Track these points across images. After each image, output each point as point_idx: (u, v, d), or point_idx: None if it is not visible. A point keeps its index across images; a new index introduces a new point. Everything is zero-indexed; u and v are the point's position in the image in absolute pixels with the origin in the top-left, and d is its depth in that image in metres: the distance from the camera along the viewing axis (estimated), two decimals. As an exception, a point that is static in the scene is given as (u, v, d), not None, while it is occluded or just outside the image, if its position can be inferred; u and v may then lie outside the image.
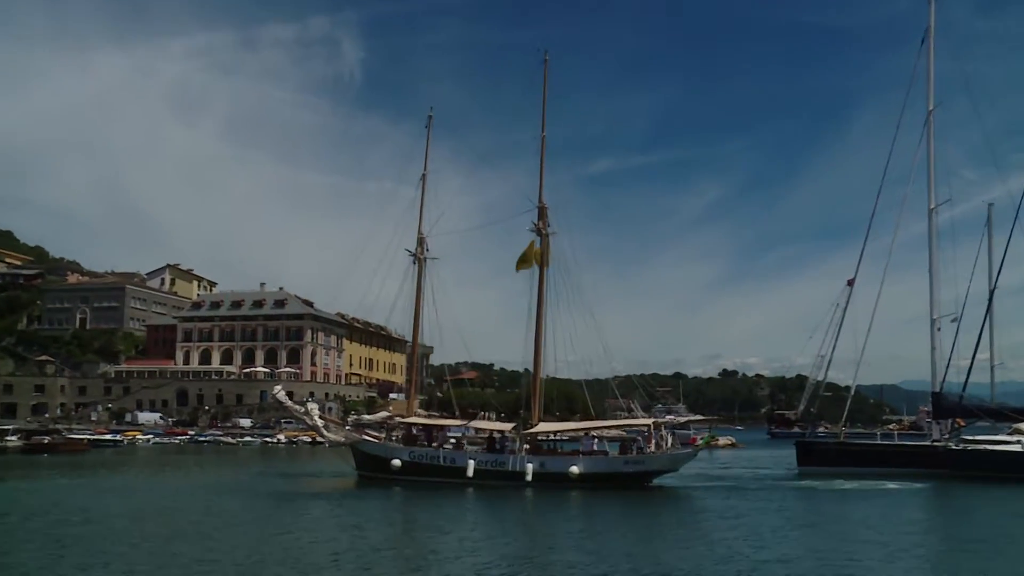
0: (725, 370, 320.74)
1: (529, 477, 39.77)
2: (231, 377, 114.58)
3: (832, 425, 76.83)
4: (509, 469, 40.70)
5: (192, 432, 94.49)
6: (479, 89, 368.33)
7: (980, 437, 48.66)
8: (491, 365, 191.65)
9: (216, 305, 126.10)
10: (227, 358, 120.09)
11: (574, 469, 39.90)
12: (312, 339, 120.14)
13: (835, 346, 58.75)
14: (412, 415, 48.29)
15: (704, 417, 65.87)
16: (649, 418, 45.18)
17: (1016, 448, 45.94)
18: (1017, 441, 46.72)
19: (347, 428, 46.37)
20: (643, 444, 41.65)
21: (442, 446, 43.64)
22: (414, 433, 45.55)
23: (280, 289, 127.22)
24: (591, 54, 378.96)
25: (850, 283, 57.58)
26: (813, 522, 29.61)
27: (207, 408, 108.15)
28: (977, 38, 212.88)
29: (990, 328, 53.48)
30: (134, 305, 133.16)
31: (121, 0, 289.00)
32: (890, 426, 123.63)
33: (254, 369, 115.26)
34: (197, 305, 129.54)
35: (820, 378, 71.17)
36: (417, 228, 49.52)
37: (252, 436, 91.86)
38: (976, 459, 46.03)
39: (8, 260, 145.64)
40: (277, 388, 45.24)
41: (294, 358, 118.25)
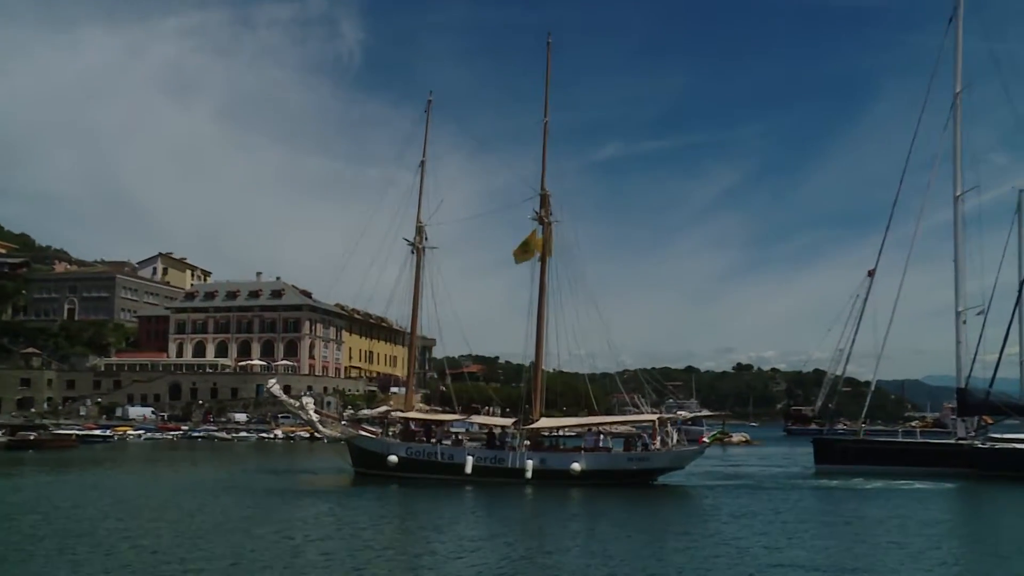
0: (739, 364, 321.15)
1: (529, 474, 39.89)
2: (226, 370, 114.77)
3: (851, 422, 76.76)
4: (508, 466, 40.78)
5: (185, 428, 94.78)
6: (484, 72, 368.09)
7: (1008, 435, 48.36)
8: (496, 358, 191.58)
9: (210, 295, 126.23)
10: (222, 351, 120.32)
11: (575, 466, 39.99)
12: (310, 331, 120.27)
13: (854, 339, 58.31)
14: (411, 410, 48.33)
15: (714, 413, 65.74)
16: (654, 413, 45.06)
17: (1046, 447, 45.62)
18: (1047, 439, 46.41)
19: (343, 423, 46.43)
20: (648, 440, 41.59)
21: (440, 442, 43.65)
22: (412, 429, 45.53)
23: (277, 279, 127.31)
24: (600, 35, 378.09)
25: (871, 273, 57.31)
26: (829, 523, 29.36)
27: (201, 403, 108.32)
28: (1009, 16, 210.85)
29: (1019, 321, 52.98)
30: (125, 295, 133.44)
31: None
32: (912, 423, 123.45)
33: (250, 362, 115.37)
34: (191, 295, 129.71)
35: (839, 373, 70.76)
36: (416, 217, 49.49)
37: (248, 432, 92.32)
38: (1004, 458, 45.69)
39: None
40: (271, 382, 45.33)
41: (291, 351, 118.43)
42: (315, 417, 44.05)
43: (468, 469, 40.71)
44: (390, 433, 45.74)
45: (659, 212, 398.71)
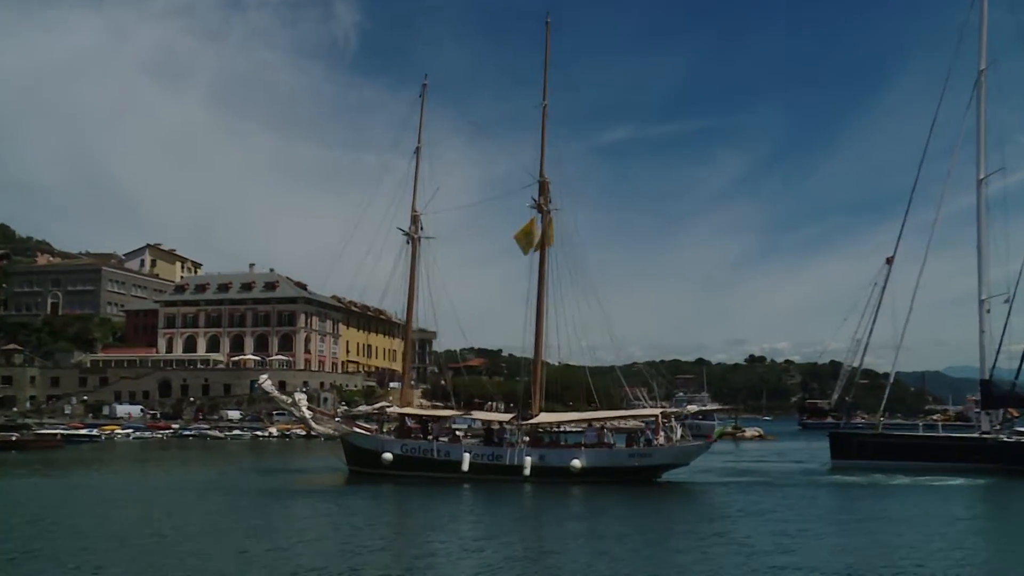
0: (752, 356, 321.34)
1: (527, 471, 39.97)
2: (218, 366, 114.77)
3: (869, 415, 76.68)
4: (506, 463, 40.85)
5: (176, 426, 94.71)
6: (483, 55, 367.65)
7: (1035, 429, 48.22)
8: (499, 351, 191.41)
9: (201, 288, 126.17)
10: (214, 345, 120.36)
11: (575, 463, 40.05)
12: (306, 324, 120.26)
13: (872, 329, 58.27)
14: (407, 405, 48.44)
15: (726, 406, 65.66)
16: (657, 408, 45.04)
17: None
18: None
19: (337, 420, 46.52)
20: (651, 436, 41.50)
21: (437, 439, 43.71)
22: (408, 425, 45.64)
23: (271, 271, 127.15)
24: (606, 15, 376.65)
25: (889, 261, 57.02)
26: (845, 521, 29.30)
27: (192, 400, 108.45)
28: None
29: (1047, 309, 52.69)
30: (111, 288, 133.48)
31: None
32: (934, 416, 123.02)
33: (243, 357, 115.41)
34: (180, 288, 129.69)
35: (856, 364, 70.77)
36: (411, 205, 49.42)
37: (241, 429, 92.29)
38: (1030, 453, 45.53)
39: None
40: (263, 377, 45.30)
41: (286, 345, 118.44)
42: (308, 414, 44.07)
43: (465, 467, 40.82)
44: (385, 430, 45.80)
45: (667, 199, 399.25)
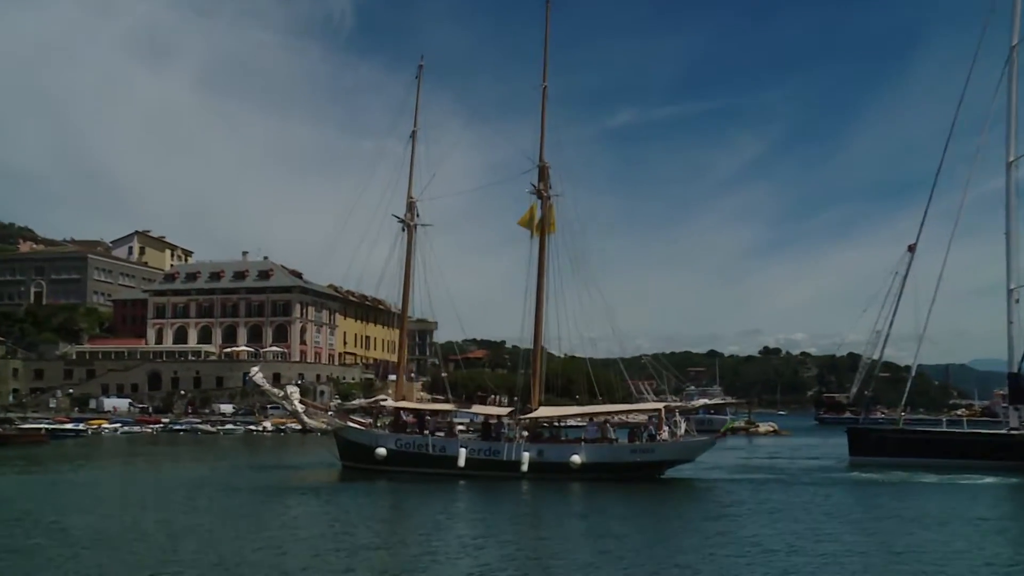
0: (766, 348, 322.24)
1: (525, 467, 40.06)
2: (210, 358, 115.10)
3: (890, 410, 76.70)
4: (503, 458, 40.94)
5: (166, 420, 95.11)
6: (485, 34, 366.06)
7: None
8: (502, 343, 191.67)
9: (192, 277, 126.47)
10: (205, 336, 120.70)
11: (575, 458, 40.10)
12: (301, 314, 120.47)
13: (893, 320, 57.93)
14: (401, 398, 48.50)
15: (739, 400, 65.47)
16: (660, 401, 45.04)
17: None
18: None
19: (330, 414, 46.60)
20: (654, 431, 41.56)
21: (433, 433, 43.80)
22: (404, 419, 45.56)
23: (265, 259, 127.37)
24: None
25: (911, 248, 56.89)
26: (861, 520, 29.22)
27: (183, 393, 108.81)
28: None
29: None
30: (98, 277, 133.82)
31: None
32: (958, 411, 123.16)
33: (236, 349, 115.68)
34: (171, 277, 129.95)
35: (876, 357, 70.53)
36: (407, 191, 49.48)
37: (234, 424, 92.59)
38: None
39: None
40: (254, 370, 45.29)
41: (281, 336, 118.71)
42: (300, 408, 44.19)
43: (461, 462, 40.87)
44: (379, 424, 45.81)
45: (678, 184, 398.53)
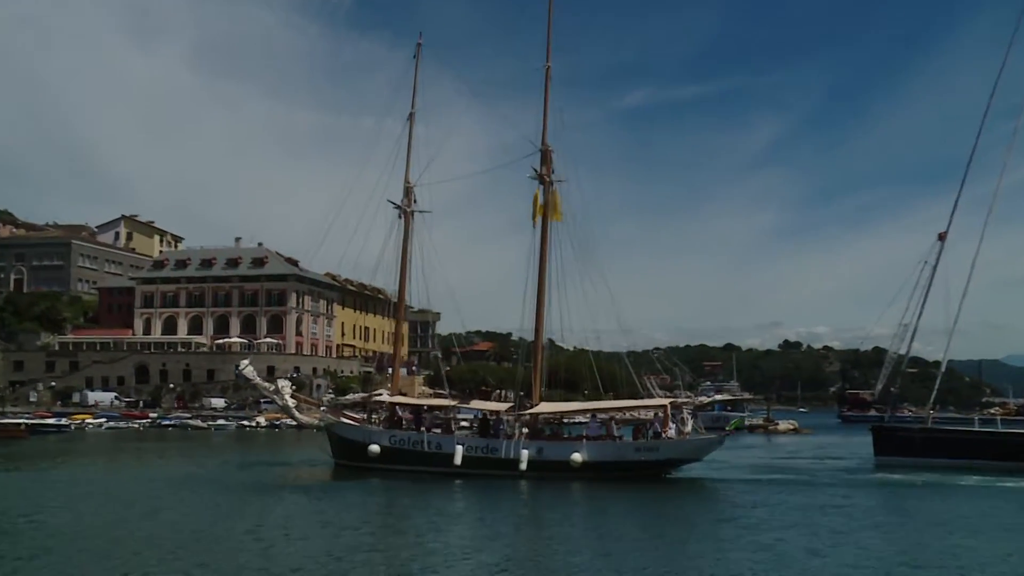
0: (786, 341, 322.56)
1: (523, 466, 40.10)
2: (201, 349, 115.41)
3: (918, 408, 76.08)
4: (501, 456, 41.02)
5: (154, 415, 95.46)
6: (489, 9, 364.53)
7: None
8: (508, 335, 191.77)
9: (182, 264, 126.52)
10: (196, 327, 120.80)
11: (576, 457, 40.12)
12: (297, 304, 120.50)
13: (921, 313, 57.40)
14: (399, 393, 48.55)
15: (757, 396, 65.15)
16: (667, 397, 44.95)
17: None
18: None
19: (322, 409, 46.54)
20: (659, 428, 41.45)
21: (429, 429, 43.81)
22: (400, 415, 45.69)
23: (259, 245, 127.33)
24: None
25: (941, 237, 56.20)
26: (887, 525, 29.08)
27: (172, 386, 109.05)
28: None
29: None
30: (82, 264, 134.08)
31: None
32: (991, 410, 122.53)
33: (228, 340, 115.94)
34: (159, 264, 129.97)
35: (903, 351, 69.75)
36: (404, 176, 49.30)
37: (226, 419, 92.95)
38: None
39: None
40: (244, 362, 45.12)
41: (276, 326, 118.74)
42: (291, 402, 44.24)
43: (458, 460, 40.94)
44: (373, 420, 45.82)
45: (693, 168, 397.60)
